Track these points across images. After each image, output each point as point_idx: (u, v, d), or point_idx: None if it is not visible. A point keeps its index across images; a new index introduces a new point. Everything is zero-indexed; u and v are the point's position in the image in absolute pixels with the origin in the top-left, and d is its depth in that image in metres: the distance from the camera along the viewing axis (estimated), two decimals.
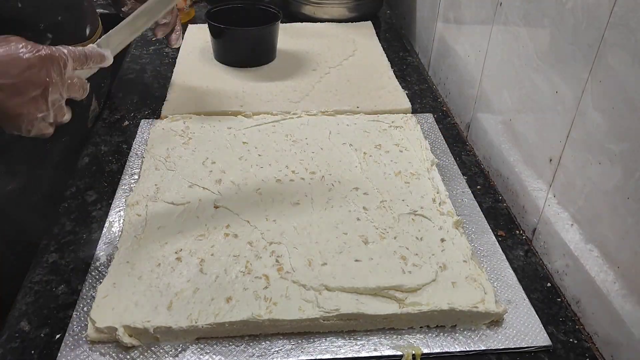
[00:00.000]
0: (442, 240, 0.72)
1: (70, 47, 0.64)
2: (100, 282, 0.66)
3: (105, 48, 0.71)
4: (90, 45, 0.69)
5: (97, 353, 0.60)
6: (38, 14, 0.78)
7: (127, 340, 0.60)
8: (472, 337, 0.63)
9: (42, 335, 0.62)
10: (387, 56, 1.22)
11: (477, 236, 0.76)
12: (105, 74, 0.99)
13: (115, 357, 0.59)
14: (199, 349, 0.61)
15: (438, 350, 0.61)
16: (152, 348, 0.61)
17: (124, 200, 0.80)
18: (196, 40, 1.25)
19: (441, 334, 0.63)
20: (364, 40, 1.29)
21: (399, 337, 0.63)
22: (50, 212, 0.80)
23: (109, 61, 0.70)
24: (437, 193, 0.80)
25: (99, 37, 0.82)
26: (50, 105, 0.62)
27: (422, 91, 1.13)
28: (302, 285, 0.65)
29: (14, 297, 0.67)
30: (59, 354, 0.59)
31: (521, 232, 0.80)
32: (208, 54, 1.19)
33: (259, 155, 0.88)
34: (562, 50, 0.71)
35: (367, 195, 0.80)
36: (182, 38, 0.98)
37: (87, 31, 0.89)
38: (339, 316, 0.62)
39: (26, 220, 0.88)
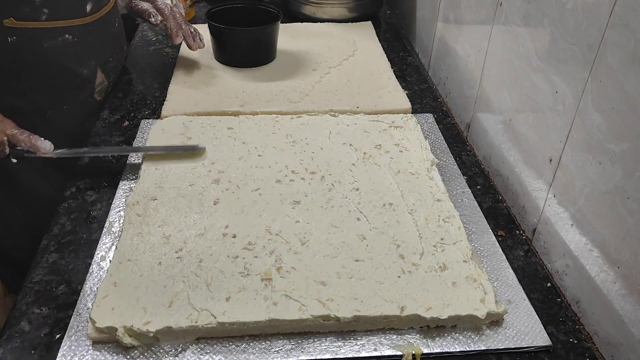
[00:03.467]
0: (442, 240, 0.72)
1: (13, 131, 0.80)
2: (100, 282, 0.66)
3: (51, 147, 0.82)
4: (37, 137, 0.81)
5: (97, 353, 0.60)
6: None
7: (127, 340, 0.60)
8: (472, 337, 0.63)
9: (42, 335, 0.62)
10: (387, 56, 1.22)
11: (477, 236, 0.76)
12: (112, 49, 1.05)
13: (115, 357, 0.59)
14: (199, 349, 0.61)
15: (438, 350, 0.62)
16: (152, 348, 0.61)
17: (124, 200, 0.80)
18: None
19: (441, 334, 0.63)
20: (364, 40, 1.29)
21: (399, 337, 0.63)
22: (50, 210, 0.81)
23: (44, 151, 0.81)
24: (437, 193, 0.80)
25: (107, 11, 0.95)
26: None
27: (422, 91, 1.13)
28: (302, 285, 0.65)
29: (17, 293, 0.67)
30: (59, 354, 0.59)
31: (521, 232, 0.80)
32: (208, 54, 1.19)
33: (259, 155, 0.88)
34: (562, 50, 0.71)
35: (367, 195, 0.80)
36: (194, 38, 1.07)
37: (89, 8, 0.92)
38: (339, 316, 0.62)
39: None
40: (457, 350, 0.62)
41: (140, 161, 0.87)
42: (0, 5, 0.82)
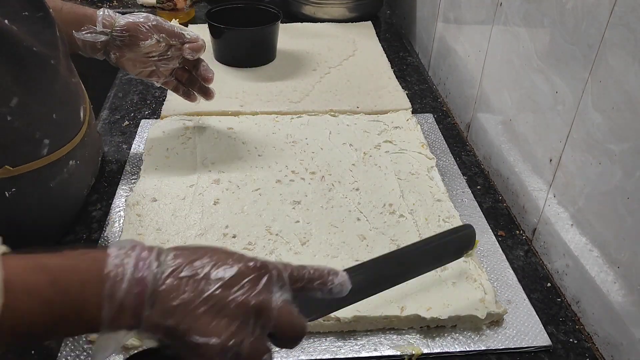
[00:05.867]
0: None
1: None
2: None
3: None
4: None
5: None
6: (31, 123, 0.64)
7: (127, 338, 0.59)
8: (472, 337, 0.63)
9: None
10: (387, 56, 1.22)
11: (478, 236, 0.76)
12: (99, 151, 0.87)
13: (115, 357, 0.59)
14: None
15: (438, 350, 0.61)
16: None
17: (124, 200, 0.80)
18: None
19: (441, 334, 0.63)
20: (364, 40, 1.29)
21: (399, 337, 0.63)
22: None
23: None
24: (437, 193, 0.80)
25: (88, 116, 0.76)
26: None
27: (422, 91, 1.13)
28: None
29: None
30: (59, 354, 0.59)
31: (521, 232, 0.80)
32: (208, 54, 1.18)
33: (259, 155, 0.88)
34: (562, 50, 0.71)
35: (367, 196, 0.80)
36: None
37: (82, 114, 0.74)
38: (339, 316, 0.62)
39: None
40: (457, 350, 0.62)
41: (140, 161, 0.87)
42: None
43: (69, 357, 0.59)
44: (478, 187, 0.87)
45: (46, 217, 0.72)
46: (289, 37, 1.27)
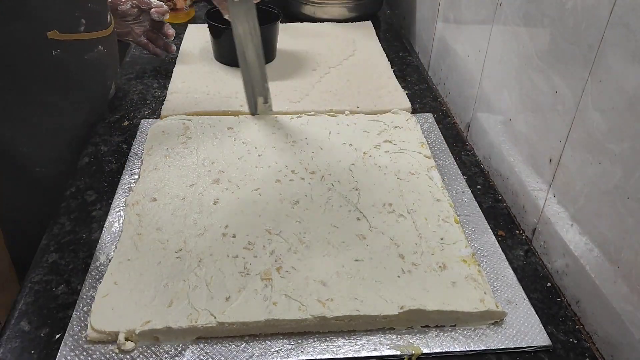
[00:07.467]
0: (442, 239, 0.72)
1: None
2: (100, 282, 0.66)
3: None
4: None
5: (97, 353, 0.60)
6: (72, 2, 0.87)
7: (128, 347, 0.60)
8: (472, 337, 0.63)
9: (42, 335, 0.62)
10: (387, 56, 1.22)
11: (477, 236, 0.76)
12: (117, 60, 1.08)
13: (115, 357, 0.59)
14: (199, 349, 0.61)
15: (438, 350, 0.61)
16: (152, 348, 0.61)
17: (124, 200, 0.80)
18: (196, 40, 1.25)
19: (441, 334, 0.63)
20: (364, 40, 1.29)
21: (399, 337, 0.63)
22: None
23: None
24: (437, 193, 0.80)
25: (113, 23, 0.99)
26: None
27: (422, 91, 1.13)
28: (302, 285, 0.65)
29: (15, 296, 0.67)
30: (58, 354, 0.59)
31: (521, 232, 0.80)
32: (208, 54, 1.19)
33: (259, 155, 0.88)
34: (562, 50, 0.71)
35: (367, 195, 0.80)
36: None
37: (108, 18, 0.97)
38: (339, 316, 0.62)
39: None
40: (457, 350, 0.62)
41: (140, 161, 0.87)
42: (43, 19, 0.84)
43: (68, 357, 0.59)
44: (478, 187, 0.87)
45: (86, 85, 0.96)
46: (289, 37, 1.27)
